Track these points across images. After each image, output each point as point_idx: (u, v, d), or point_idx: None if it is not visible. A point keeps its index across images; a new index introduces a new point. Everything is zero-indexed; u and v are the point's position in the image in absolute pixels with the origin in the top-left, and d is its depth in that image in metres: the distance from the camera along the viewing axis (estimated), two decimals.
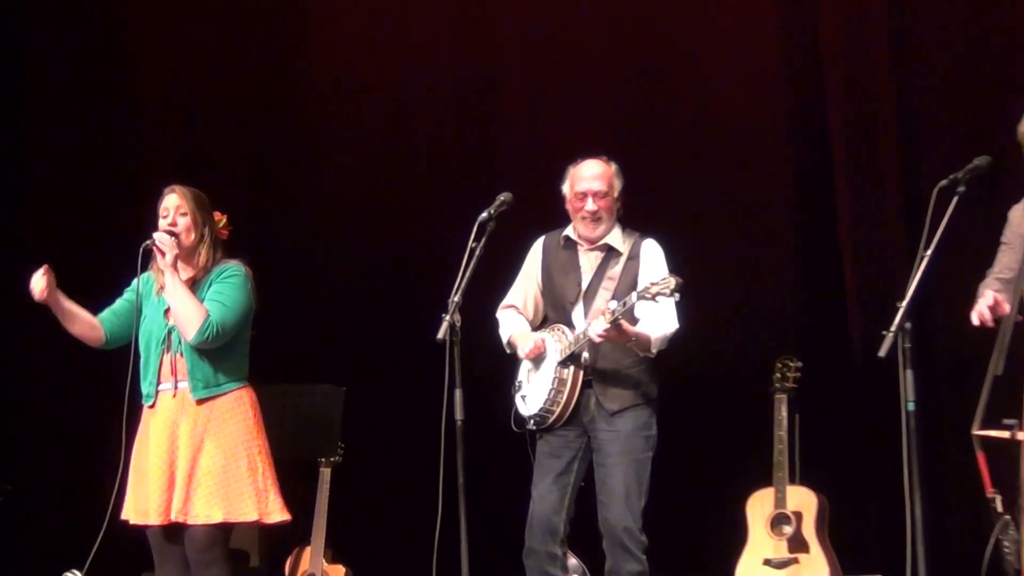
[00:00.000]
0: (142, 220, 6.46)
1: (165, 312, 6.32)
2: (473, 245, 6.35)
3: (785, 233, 8.91)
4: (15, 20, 9.51)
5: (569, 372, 6.54)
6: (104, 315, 6.46)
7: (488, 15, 9.36)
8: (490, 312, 6.90)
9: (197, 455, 6.23)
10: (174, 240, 6.28)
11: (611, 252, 6.69)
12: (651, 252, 6.67)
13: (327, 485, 7.87)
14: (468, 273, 6.31)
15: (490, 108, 9.40)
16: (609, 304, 6.36)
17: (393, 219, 9.23)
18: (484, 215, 6.42)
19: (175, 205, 6.37)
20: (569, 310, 6.65)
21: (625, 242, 6.70)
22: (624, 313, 6.29)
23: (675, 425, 6.86)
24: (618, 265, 6.64)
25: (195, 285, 6.34)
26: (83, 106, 9.46)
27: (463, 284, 6.29)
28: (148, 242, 6.25)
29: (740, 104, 8.90)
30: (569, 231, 6.75)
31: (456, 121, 9.41)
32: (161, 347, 6.35)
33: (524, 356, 6.67)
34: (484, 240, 6.37)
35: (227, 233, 6.55)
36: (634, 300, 6.26)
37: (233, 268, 6.40)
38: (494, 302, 6.91)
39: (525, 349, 6.65)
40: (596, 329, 6.32)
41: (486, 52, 9.41)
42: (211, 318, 6.21)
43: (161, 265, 6.26)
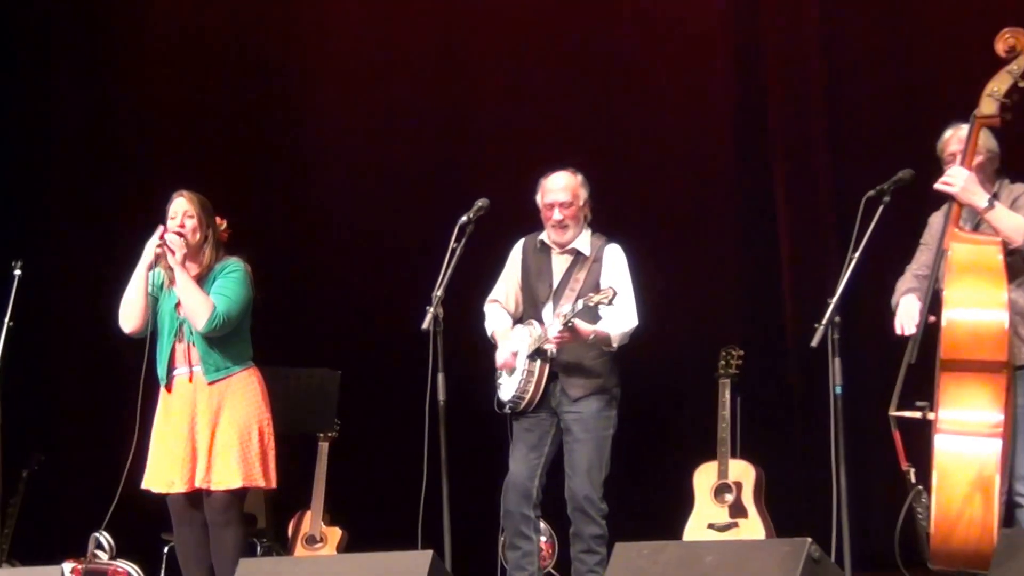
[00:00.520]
0: (156, 220, 6.45)
1: (176, 306, 6.34)
2: (454, 245, 6.37)
3: (731, 238, 8.93)
4: (42, 41, 9.54)
5: (536, 365, 6.51)
6: None
7: (468, 39, 9.35)
8: (470, 304, 6.87)
9: (215, 430, 6.28)
10: (182, 240, 6.31)
11: (579, 256, 6.64)
12: (612, 256, 6.63)
13: (325, 457, 7.87)
14: (449, 270, 6.33)
15: (469, 121, 9.38)
16: (562, 309, 6.42)
17: (383, 221, 9.16)
18: (464, 218, 6.43)
19: (183, 209, 6.39)
20: (541, 308, 6.62)
21: (592, 246, 6.65)
22: (579, 315, 6.31)
23: (633, 407, 6.84)
24: (583, 269, 6.62)
25: (200, 281, 6.36)
26: (102, 117, 9.46)
27: (445, 280, 6.30)
28: (159, 242, 6.28)
29: (693, 125, 8.92)
30: (544, 235, 6.71)
31: (438, 132, 9.36)
32: (173, 337, 6.38)
33: (497, 366, 6.66)
34: (464, 241, 6.38)
35: (227, 235, 6.57)
36: (580, 307, 6.29)
37: (234, 264, 6.43)
38: (473, 295, 6.86)
39: (499, 359, 6.65)
40: (552, 333, 6.40)
41: (466, 71, 9.38)
42: (218, 309, 6.25)
43: (171, 262, 6.28)
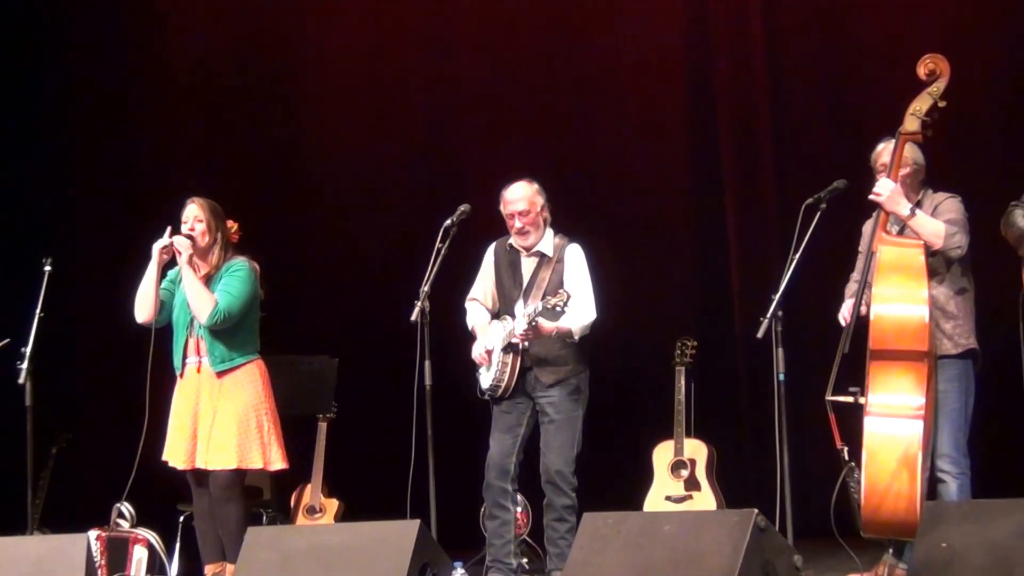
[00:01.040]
0: (171, 223, 6.43)
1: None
2: (439, 246, 6.41)
3: (685, 241, 8.95)
4: (68, 63, 9.49)
5: (510, 357, 6.53)
6: None
7: (452, 62, 9.35)
8: (454, 299, 6.85)
9: (215, 416, 6.27)
10: (190, 243, 6.30)
11: (544, 257, 6.64)
12: (573, 256, 6.63)
13: (324, 436, 7.81)
14: (435, 268, 6.38)
15: (453, 133, 9.36)
16: (527, 309, 6.44)
17: (376, 224, 9.15)
18: (448, 222, 6.47)
19: (194, 215, 6.38)
20: (514, 304, 6.62)
21: (555, 247, 6.65)
22: (541, 315, 6.32)
23: (600, 392, 6.85)
24: (547, 269, 6.63)
25: (210, 279, 6.35)
26: (122, 130, 9.43)
27: (431, 277, 6.35)
28: (168, 244, 6.27)
29: (651, 138, 8.94)
30: (512, 240, 6.72)
31: (425, 144, 9.34)
32: (186, 330, 6.38)
33: (475, 359, 6.66)
34: (448, 242, 6.43)
35: (238, 237, 6.55)
36: (540, 309, 6.30)
37: (239, 263, 6.40)
38: (457, 291, 6.85)
39: (474, 355, 6.65)
40: (517, 331, 6.43)
41: (450, 89, 9.37)
42: (219, 306, 6.24)
43: (179, 262, 6.29)
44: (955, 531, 4.44)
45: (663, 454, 7.48)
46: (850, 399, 5.67)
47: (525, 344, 6.51)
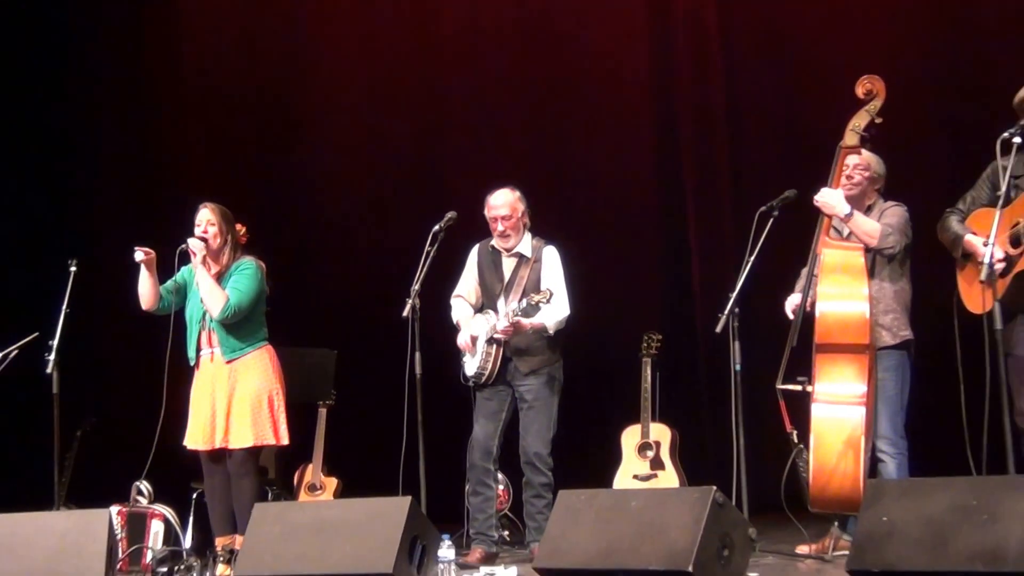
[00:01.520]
0: (185, 225, 6.47)
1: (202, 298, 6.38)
2: (429, 249, 6.42)
3: (652, 244, 8.99)
4: (93, 83, 9.50)
5: (493, 348, 6.55)
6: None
7: (441, 81, 9.40)
8: (442, 297, 6.84)
9: (231, 399, 6.29)
10: (203, 244, 6.31)
11: (523, 258, 6.66)
12: (549, 257, 6.65)
13: (324, 421, 7.86)
14: (425, 269, 6.38)
15: (442, 146, 9.43)
16: (510, 306, 6.46)
17: (371, 229, 9.19)
18: (436, 227, 6.48)
19: (206, 219, 6.40)
20: (496, 300, 6.64)
21: (533, 249, 6.66)
22: (524, 311, 6.35)
23: (573, 380, 6.88)
24: (526, 268, 6.64)
25: (220, 277, 6.36)
26: (142, 141, 9.46)
27: (421, 276, 6.35)
28: (183, 246, 6.30)
29: (620, 151, 8.99)
30: (494, 242, 6.74)
31: (416, 156, 9.38)
32: (199, 324, 6.38)
33: (460, 346, 6.67)
34: (436, 245, 6.44)
35: (246, 239, 6.55)
36: (524, 305, 6.34)
37: (247, 263, 6.41)
38: (444, 289, 6.84)
39: (460, 342, 6.65)
40: (500, 327, 6.45)
41: (440, 106, 9.42)
42: (231, 301, 6.25)
43: (193, 262, 6.30)
44: (894, 506, 4.45)
45: (631, 437, 7.48)
46: (798, 388, 5.73)
47: (505, 338, 6.54)
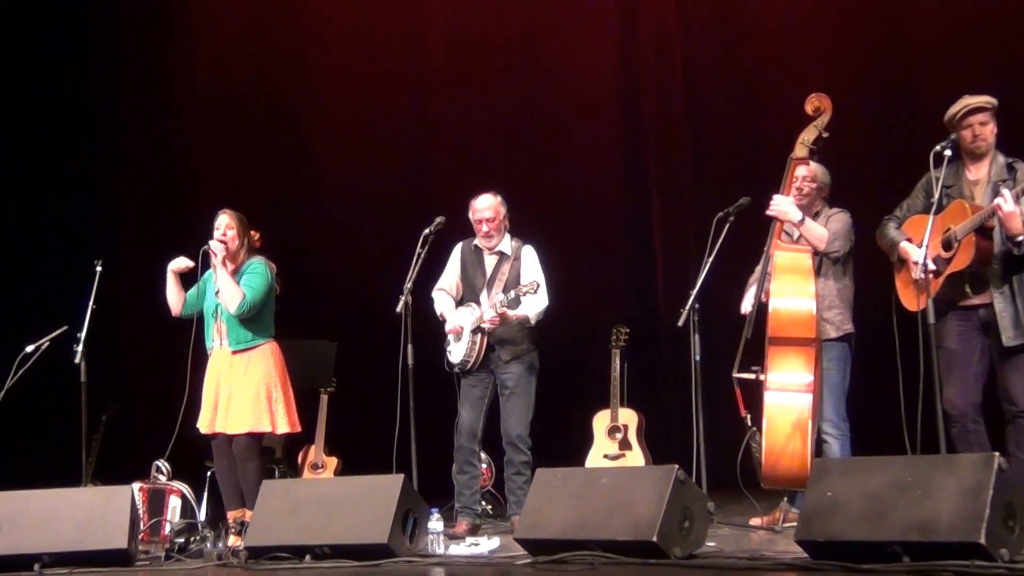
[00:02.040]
0: (204, 228, 6.52)
1: (216, 293, 6.36)
2: (420, 251, 6.41)
3: (619, 244, 9.02)
4: (114, 93, 9.49)
5: (477, 337, 6.56)
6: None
7: (432, 94, 9.42)
8: (432, 294, 6.84)
9: (233, 388, 6.29)
10: (223, 247, 6.35)
11: (503, 256, 6.67)
12: (527, 256, 6.66)
13: (325, 406, 7.88)
14: (416, 268, 6.37)
15: (432, 156, 9.44)
16: (496, 299, 6.45)
17: (369, 231, 9.19)
18: (427, 231, 6.47)
19: (225, 224, 6.43)
20: (478, 294, 6.65)
21: (512, 248, 6.67)
22: (510, 302, 6.36)
23: (550, 369, 6.89)
24: (507, 265, 6.65)
25: (234, 276, 6.37)
26: (162, 150, 9.48)
27: (413, 275, 6.35)
28: (205, 247, 6.33)
29: (592, 158, 9.01)
30: (476, 241, 6.74)
31: (409, 164, 9.38)
32: (213, 317, 6.40)
33: (447, 331, 6.67)
34: (427, 247, 6.44)
35: (259, 243, 6.57)
36: (512, 296, 6.35)
37: (258, 263, 6.43)
38: (434, 287, 6.83)
39: (448, 327, 6.64)
40: (487, 317, 6.46)
41: (432, 117, 9.44)
42: (246, 298, 6.27)
43: (213, 263, 6.32)
44: (838, 482, 4.48)
45: (601, 421, 7.48)
46: (752, 376, 5.73)
47: (490, 327, 6.54)
